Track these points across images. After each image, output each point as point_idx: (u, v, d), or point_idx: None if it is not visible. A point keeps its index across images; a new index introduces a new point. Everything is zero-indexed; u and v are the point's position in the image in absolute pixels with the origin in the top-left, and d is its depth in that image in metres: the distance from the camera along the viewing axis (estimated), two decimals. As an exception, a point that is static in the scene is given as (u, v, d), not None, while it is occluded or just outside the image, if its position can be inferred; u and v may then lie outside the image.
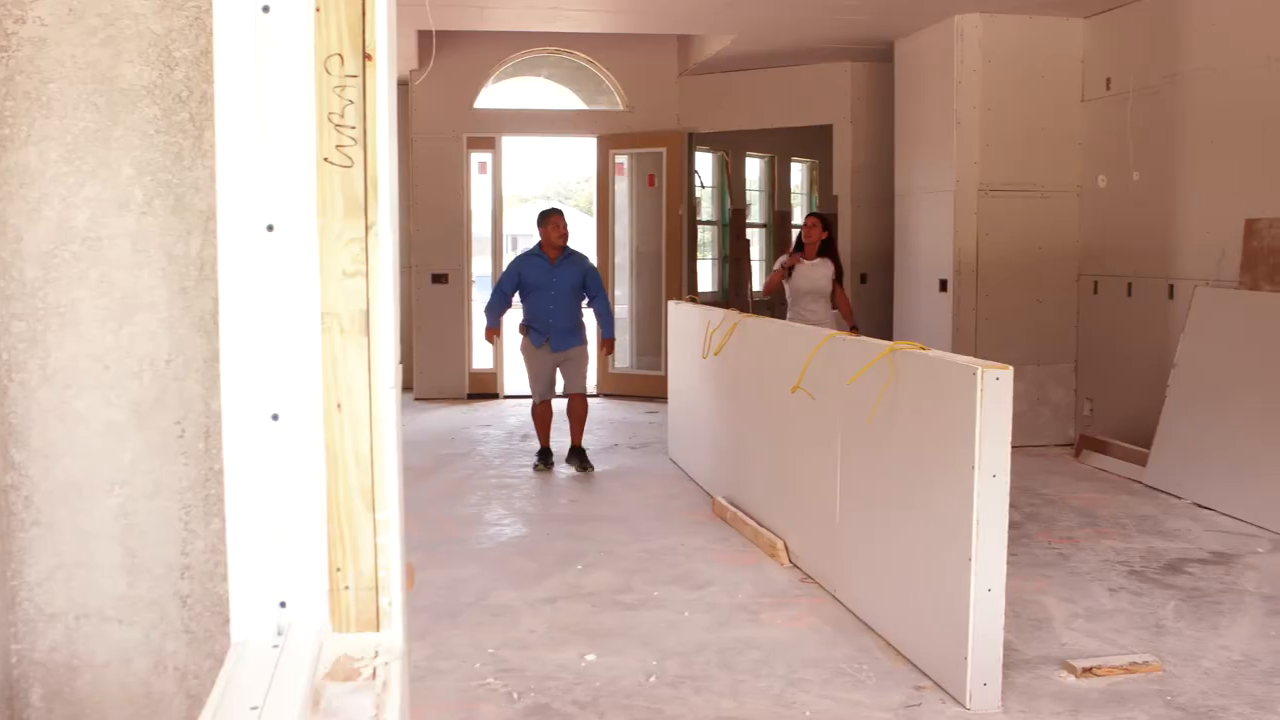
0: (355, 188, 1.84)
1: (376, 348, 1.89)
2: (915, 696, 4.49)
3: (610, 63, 12.81)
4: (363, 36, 1.83)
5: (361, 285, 1.87)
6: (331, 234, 1.84)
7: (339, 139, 1.84)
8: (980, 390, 4.20)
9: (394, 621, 1.95)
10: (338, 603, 1.92)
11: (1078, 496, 7.96)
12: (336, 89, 1.83)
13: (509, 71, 13.04)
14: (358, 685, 1.79)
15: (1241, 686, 4.63)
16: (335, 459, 1.89)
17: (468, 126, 12.65)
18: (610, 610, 5.57)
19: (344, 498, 1.90)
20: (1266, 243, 7.67)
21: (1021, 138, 9.71)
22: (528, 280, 8.76)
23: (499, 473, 8.87)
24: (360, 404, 1.89)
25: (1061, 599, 5.73)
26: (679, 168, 12.69)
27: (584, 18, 10.41)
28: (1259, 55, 7.83)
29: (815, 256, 9.28)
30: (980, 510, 4.24)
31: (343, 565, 1.91)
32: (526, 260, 8.89)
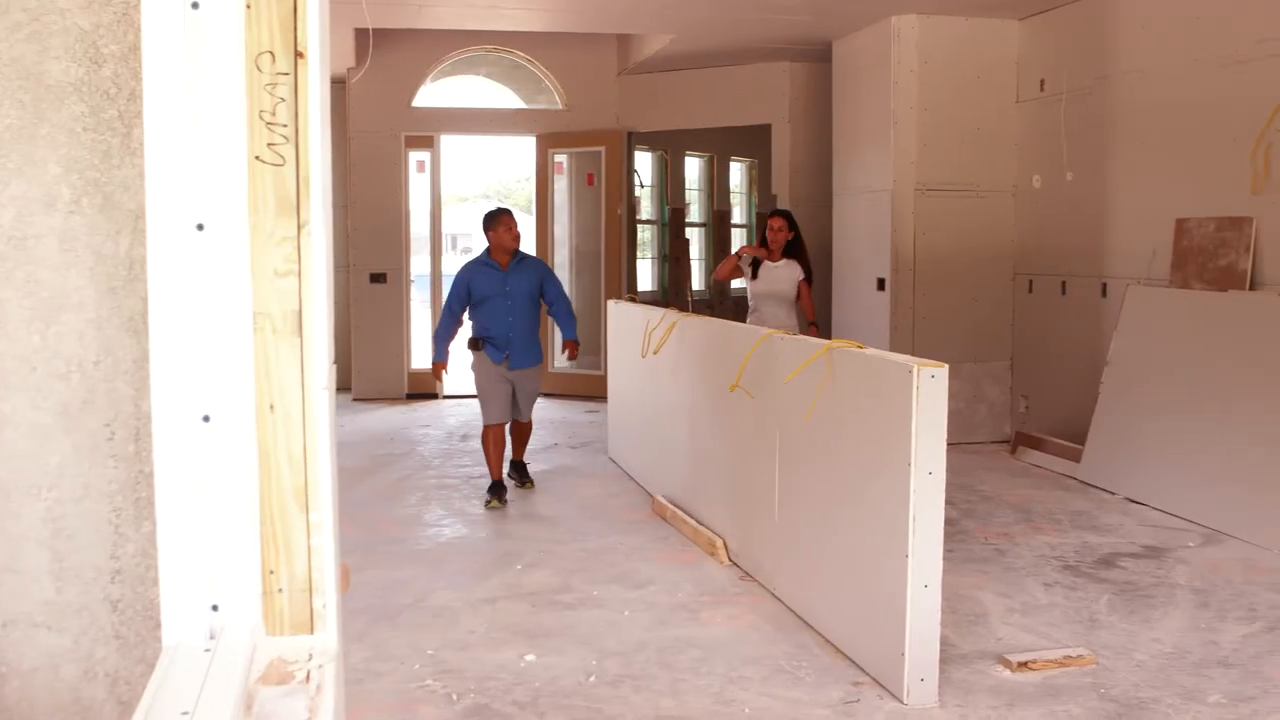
0: (287, 186, 1.82)
1: (310, 348, 1.87)
2: (853, 693, 4.52)
3: (549, 62, 12.79)
4: (294, 34, 1.81)
5: (294, 285, 1.85)
6: (263, 233, 1.82)
7: (270, 137, 1.82)
8: (916, 388, 4.23)
9: (328, 624, 1.93)
10: (271, 605, 1.90)
11: (1013, 493, 8.05)
12: (268, 87, 1.81)
13: (447, 70, 12.98)
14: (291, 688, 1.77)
15: (1172, 678, 4.70)
16: (268, 460, 1.87)
17: (406, 125, 12.58)
18: (550, 610, 5.56)
19: (277, 499, 1.88)
20: (1196, 242, 7.79)
21: (958, 138, 9.80)
22: (480, 292, 7.78)
23: (438, 473, 8.83)
24: (293, 404, 1.87)
25: (997, 594, 5.79)
26: (618, 167, 12.70)
27: (522, 16, 10.38)
28: (1187, 58, 7.96)
29: (780, 258, 8.64)
30: (917, 507, 4.27)
31: (276, 567, 1.89)
32: (474, 270, 7.87)
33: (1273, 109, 7.22)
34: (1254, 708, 4.42)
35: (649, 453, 8.06)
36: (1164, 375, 7.76)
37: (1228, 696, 4.53)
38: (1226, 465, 7.06)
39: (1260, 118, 7.32)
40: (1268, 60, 7.27)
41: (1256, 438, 6.90)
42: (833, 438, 5.00)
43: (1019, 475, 8.71)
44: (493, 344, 7.78)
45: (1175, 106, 8.10)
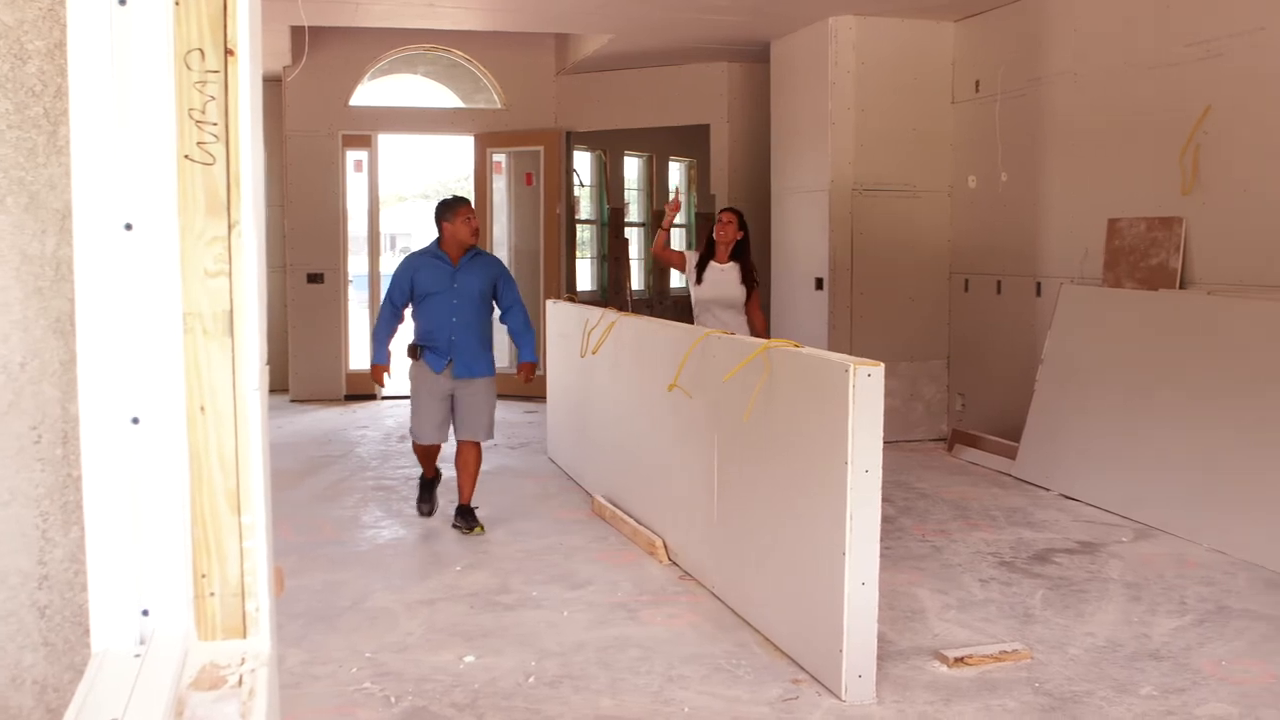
0: (217, 185, 1.81)
1: (241, 349, 1.85)
2: (792, 690, 4.54)
3: (487, 61, 12.74)
4: (224, 31, 1.80)
5: (225, 285, 1.83)
6: (193, 233, 1.80)
7: (200, 136, 1.80)
8: (852, 387, 4.26)
9: (261, 627, 1.91)
10: (203, 610, 1.88)
11: (950, 490, 8.12)
12: (197, 85, 1.79)
13: (385, 69, 12.89)
14: (223, 693, 1.75)
15: (1105, 671, 4.77)
16: (199, 463, 1.85)
17: (343, 124, 12.48)
18: (489, 611, 5.54)
19: (208, 502, 1.86)
20: (1128, 242, 7.91)
21: (894, 138, 9.88)
22: (423, 287, 6.91)
23: (376, 474, 8.77)
24: (225, 406, 1.85)
25: (934, 590, 5.84)
26: (557, 166, 12.68)
27: (460, 15, 10.33)
28: (1118, 60, 8.08)
29: (727, 260, 8.00)
30: (853, 505, 4.30)
31: (208, 571, 1.87)
32: (420, 262, 7.00)
33: (1201, 111, 7.35)
34: (1184, 699, 4.49)
35: (588, 452, 8.05)
36: (1097, 373, 7.86)
37: (1159, 688, 4.60)
38: (1158, 461, 7.17)
39: (1189, 120, 7.44)
40: (1196, 64, 7.39)
41: (1186, 434, 7.01)
42: (770, 437, 5.02)
43: (956, 473, 8.79)
44: (433, 350, 6.91)
45: (1107, 109, 8.22)
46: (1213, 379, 6.92)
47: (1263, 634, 5.24)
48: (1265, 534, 6.32)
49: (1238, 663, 4.90)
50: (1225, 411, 6.78)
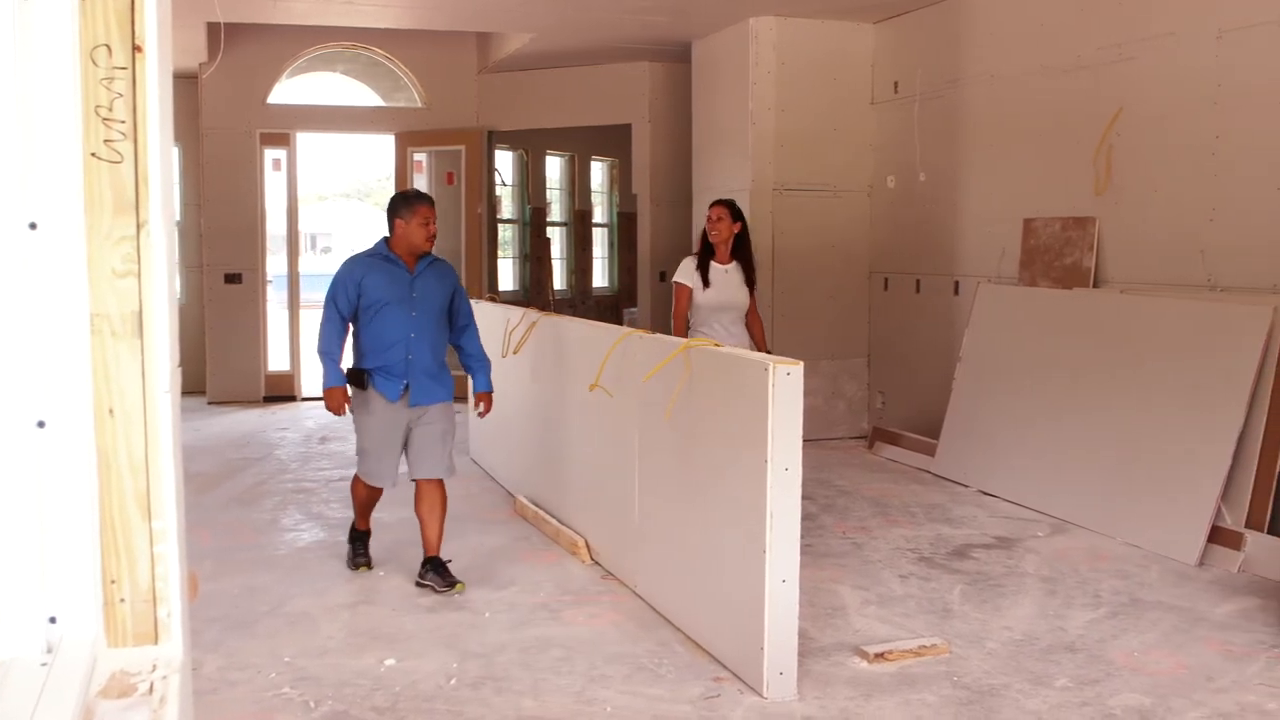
0: (125, 184, 1.77)
1: (151, 350, 1.82)
2: (714, 688, 4.56)
3: (408, 59, 12.66)
4: (131, 27, 1.76)
5: (134, 285, 1.80)
6: (100, 232, 1.77)
7: (107, 133, 1.76)
8: (772, 385, 4.28)
9: (173, 633, 1.89)
10: (113, 616, 1.85)
11: (870, 487, 8.20)
12: (104, 81, 1.76)
13: (303, 67, 12.76)
14: (133, 701, 1.72)
15: (1022, 664, 4.84)
16: (108, 466, 1.82)
17: (261, 122, 12.33)
18: (410, 613, 5.50)
19: (118, 507, 1.83)
20: (1043, 241, 8.03)
21: (815, 138, 9.95)
22: (375, 295, 5.81)
23: (296, 476, 8.67)
24: (134, 408, 1.82)
25: (855, 587, 5.90)
26: (478, 166, 12.62)
27: (379, 13, 10.25)
28: (1034, 63, 8.20)
29: (729, 259, 7.08)
30: (774, 503, 4.32)
31: (118, 577, 1.84)
32: (369, 266, 5.89)
33: (1113, 113, 7.48)
34: (1098, 690, 4.57)
35: (510, 453, 8.02)
36: (1014, 371, 7.98)
37: (1074, 680, 4.67)
38: (1073, 457, 7.29)
39: (1102, 121, 7.57)
40: (1108, 67, 7.53)
41: (1101, 430, 7.13)
42: (691, 436, 5.04)
43: (876, 470, 8.88)
44: (386, 373, 5.81)
45: (1023, 110, 8.35)
46: (1125, 376, 7.06)
47: (1174, 625, 5.35)
48: (1176, 527, 6.45)
49: (1150, 654, 4.99)
50: (1136, 407, 6.91)
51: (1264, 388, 6.31)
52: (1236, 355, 6.41)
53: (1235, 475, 6.36)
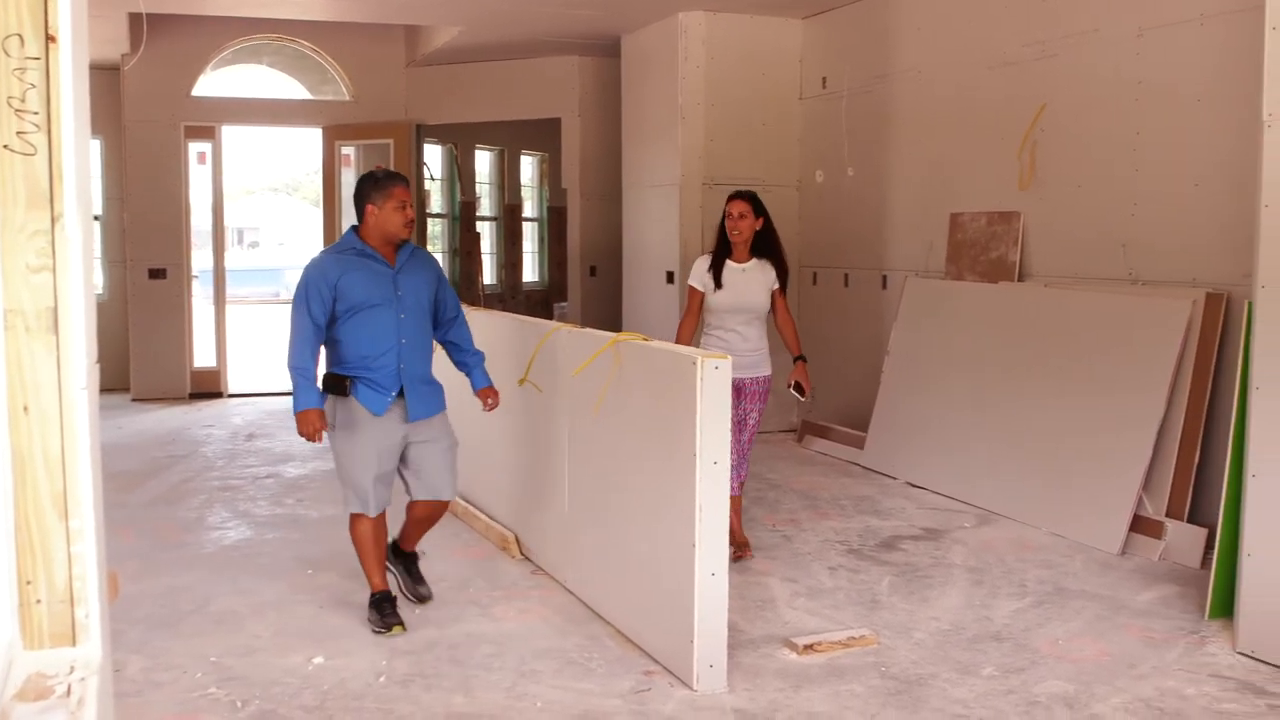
0: (39, 177, 1.74)
1: (67, 346, 1.79)
2: (644, 682, 4.57)
3: (335, 52, 12.54)
4: (45, 16, 1.73)
5: (48, 280, 1.77)
6: (13, 226, 1.74)
7: (20, 125, 1.73)
8: (700, 379, 4.29)
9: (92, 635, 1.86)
10: (29, 618, 1.82)
11: (800, 480, 8.25)
12: (16, 72, 1.73)
13: (229, 59, 12.59)
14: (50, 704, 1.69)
15: (949, 654, 4.89)
16: (22, 465, 1.79)
17: (185, 115, 12.15)
18: (338, 611, 5.46)
19: (33, 506, 1.80)
20: (969, 235, 8.12)
21: (743, 133, 9.99)
22: (355, 296, 5.02)
23: (222, 474, 8.57)
24: (50, 405, 1.79)
25: (784, 579, 5.93)
26: (407, 159, 12.53)
27: (306, 5, 10.16)
28: (960, 59, 8.29)
29: (748, 257, 6.43)
30: (703, 496, 4.33)
31: (33, 578, 1.81)
32: (343, 264, 5.06)
33: (1037, 109, 7.58)
34: (1024, 678, 4.63)
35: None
36: (941, 364, 8.07)
37: (1000, 669, 4.74)
38: (999, 449, 7.38)
39: (1026, 117, 7.67)
40: (1032, 63, 7.62)
41: (1026, 422, 7.23)
42: (620, 430, 5.04)
43: (806, 463, 8.93)
44: (372, 384, 5.05)
45: (949, 105, 8.43)
46: (1050, 369, 7.16)
47: (1097, 614, 5.43)
48: (1099, 517, 6.55)
49: (1074, 641, 5.07)
50: (1061, 400, 7.01)
51: (1183, 380, 6.43)
52: (1157, 348, 6.52)
53: (1156, 465, 6.47)
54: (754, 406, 6.35)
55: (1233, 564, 5.09)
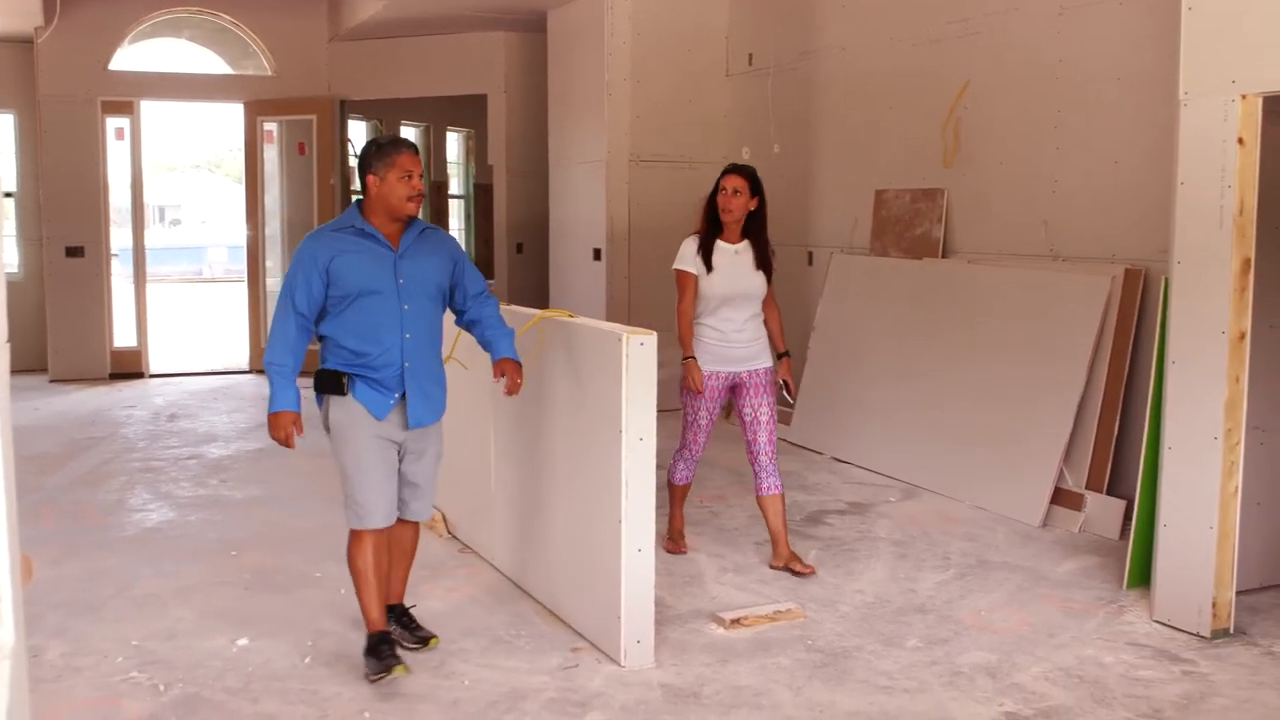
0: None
1: (-27, 325, 1.75)
2: (572, 658, 4.57)
3: (256, 25, 12.35)
4: (-54, -13, 1.68)
5: (-46, 258, 1.72)
6: (-85, 203, 1.69)
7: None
8: (626, 355, 4.29)
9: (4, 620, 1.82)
10: (-64, 604, 1.78)
11: (727, 456, 8.27)
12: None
13: (147, 32, 12.36)
14: (-41, 690, 1.66)
15: (875, 626, 4.95)
16: (-72, 447, 1.75)
17: (102, 89, 11.91)
18: (264, 593, 5.41)
19: (-60, 489, 1.75)
20: (893, 212, 8.19)
21: (670, 110, 9.98)
22: (352, 283, 4.37)
23: (144, 455, 8.44)
24: (-44, 387, 1.75)
25: (711, 555, 5.96)
26: (331, 136, 12.40)
27: (225, -22, 9.99)
28: (884, 36, 8.33)
29: (740, 238, 5.83)
30: (629, 473, 4.34)
31: (-59, 562, 1.77)
32: (338, 244, 4.40)
33: (960, 87, 7.64)
34: (947, 649, 4.70)
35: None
36: (866, 340, 8.13)
37: (924, 640, 4.80)
38: (924, 424, 7.46)
39: (950, 94, 7.73)
40: (956, 41, 7.68)
41: (950, 398, 7.31)
42: (547, 407, 5.02)
43: (733, 439, 8.91)
44: (373, 382, 4.40)
45: (874, 83, 8.48)
46: (971, 344, 7.24)
47: (1019, 585, 5.52)
48: (1021, 490, 6.65)
49: (996, 612, 5.15)
50: (983, 375, 7.10)
51: (1102, 355, 6.53)
52: (1077, 324, 6.62)
53: (1076, 439, 6.58)
54: (761, 401, 5.79)
55: (1150, 535, 5.19)
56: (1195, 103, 4.80)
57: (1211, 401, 4.76)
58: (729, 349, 5.75)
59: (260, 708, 4.15)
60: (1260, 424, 5.20)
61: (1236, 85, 4.63)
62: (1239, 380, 4.74)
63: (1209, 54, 4.76)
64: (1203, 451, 4.81)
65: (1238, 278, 4.68)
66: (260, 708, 4.15)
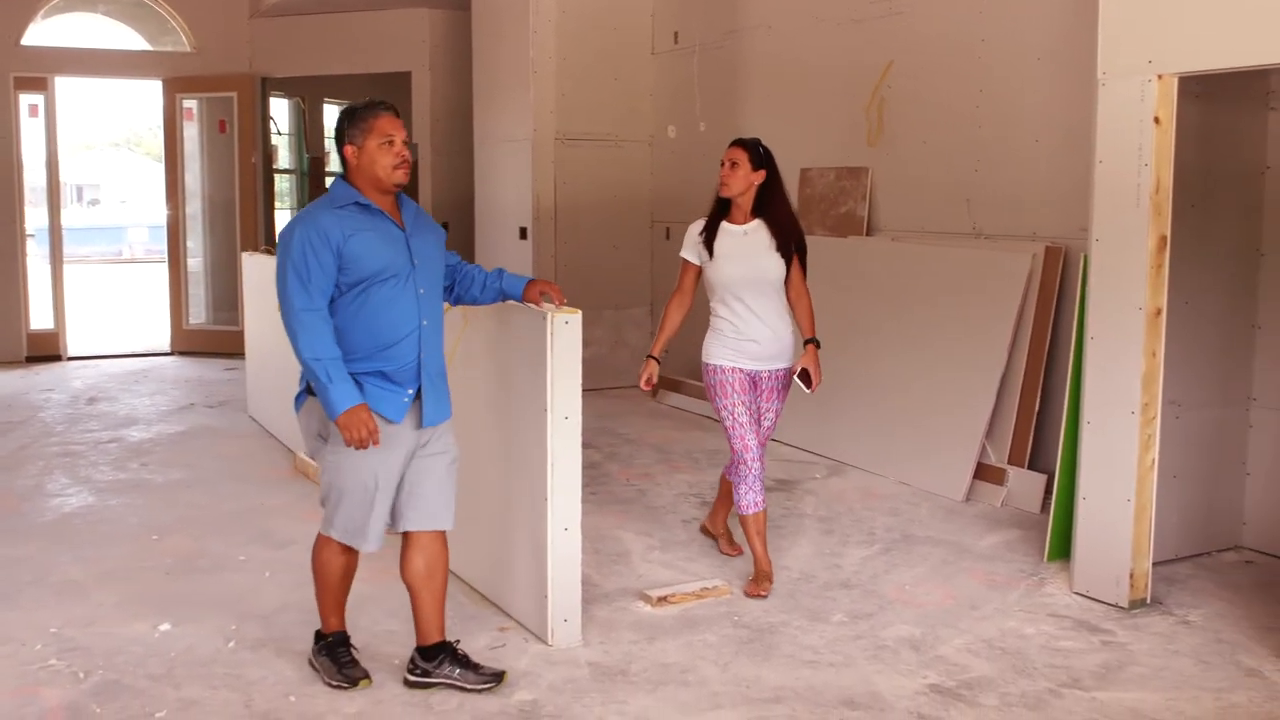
0: None
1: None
2: (499, 638, 4.56)
3: (175, 1, 12.12)
4: None
5: None
6: None
7: None
8: (550, 335, 4.27)
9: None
10: None
11: (654, 434, 8.31)
12: None
13: (61, 6, 12.11)
14: None
15: (800, 602, 4.99)
16: None
17: (14, 65, 11.64)
18: (187, 577, 5.34)
19: None
20: (819, 190, 8.22)
21: (596, 88, 9.95)
22: (368, 267, 3.90)
23: (62, 440, 8.28)
24: None
25: (638, 533, 5.98)
26: (252, 113, 12.22)
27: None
28: (808, 15, 8.36)
29: (750, 218, 5.26)
30: (555, 452, 4.33)
31: None
32: (349, 221, 3.90)
33: (885, 66, 7.68)
34: (872, 623, 4.75)
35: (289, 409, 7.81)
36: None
37: (849, 615, 4.85)
38: (849, 401, 7.51)
39: (874, 74, 7.78)
40: (880, 20, 7.72)
41: (874, 375, 7.37)
42: (472, 387, 4.99)
43: (660, 417, 8.99)
44: (383, 379, 3.96)
45: (799, 61, 8.51)
46: (896, 322, 7.30)
47: (942, 559, 5.59)
48: (944, 466, 6.73)
49: (920, 586, 5.21)
50: (908, 352, 7.17)
51: (1024, 331, 6.62)
52: (999, 301, 6.70)
53: (998, 414, 6.67)
54: (770, 406, 5.28)
55: (1070, 508, 5.27)
56: (1113, 83, 4.86)
57: (1129, 376, 4.84)
58: (744, 344, 5.17)
59: (183, 693, 4.10)
60: (1176, 398, 5.30)
61: (1153, 65, 4.70)
62: (1155, 355, 4.82)
63: (1126, 35, 4.82)
64: (1120, 426, 4.89)
65: (1154, 255, 4.75)
66: (183, 693, 4.10)
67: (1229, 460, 5.69)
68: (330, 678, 4.17)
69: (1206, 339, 5.46)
